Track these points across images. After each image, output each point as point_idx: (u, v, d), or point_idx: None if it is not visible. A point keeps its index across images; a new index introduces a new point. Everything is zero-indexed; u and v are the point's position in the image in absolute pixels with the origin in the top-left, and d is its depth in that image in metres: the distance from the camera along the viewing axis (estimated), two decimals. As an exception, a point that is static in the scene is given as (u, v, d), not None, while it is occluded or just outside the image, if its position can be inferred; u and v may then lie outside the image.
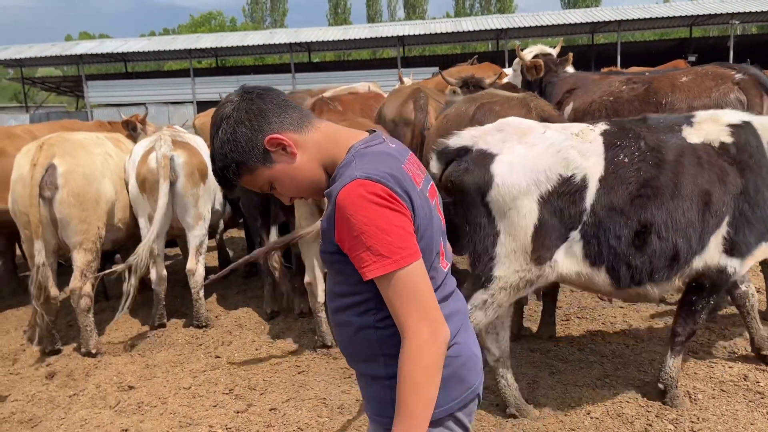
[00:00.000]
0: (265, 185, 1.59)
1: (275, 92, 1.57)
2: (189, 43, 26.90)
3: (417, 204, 1.46)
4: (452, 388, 1.55)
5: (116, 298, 5.92)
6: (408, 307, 1.40)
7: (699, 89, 4.42)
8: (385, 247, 1.37)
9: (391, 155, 1.52)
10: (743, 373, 3.69)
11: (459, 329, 1.61)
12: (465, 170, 3.10)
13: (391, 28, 28.13)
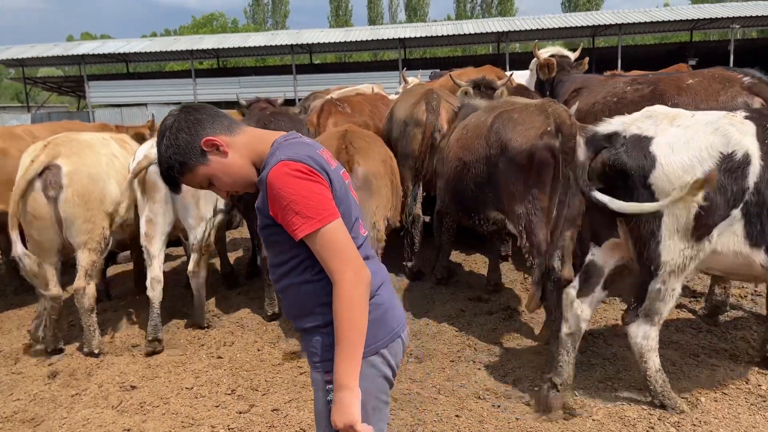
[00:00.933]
0: (204, 181, 1.91)
1: (209, 107, 1.93)
2: (191, 44, 26.93)
3: (333, 178, 1.80)
4: (378, 330, 1.86)
5: (119, 298, 5.95)
6: (334, 255, 1.71)
7: (706, 92, 4.42)
8: (310, 210, 1.69)
9: (308, 144, 1.87)
10: (745, 377, 3.70)
11: (381, 284, 1.93)
12: (624, 153, 3.17)
13: (392, 30, 28.16)
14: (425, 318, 5.00)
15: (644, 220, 3.15)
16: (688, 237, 3.10)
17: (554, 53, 6.66)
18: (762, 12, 24.15)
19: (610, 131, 3.29)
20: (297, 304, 1.90)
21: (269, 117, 5.04)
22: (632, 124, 3.25)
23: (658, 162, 3.07)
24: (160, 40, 31.30)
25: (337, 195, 1.80)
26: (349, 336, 1.70)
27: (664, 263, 3.16)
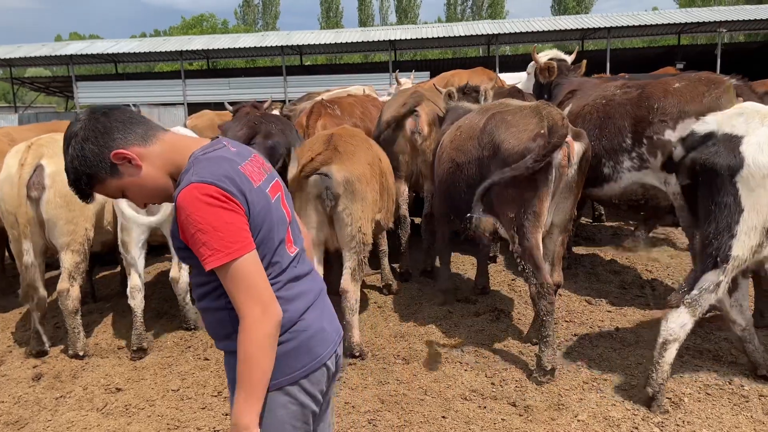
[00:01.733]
0: (116, 193, 1.79)
1: (121, 110, 1.77)
2: (180, 45, 26.80)
3: (252, 200, 1.68)
4: (298, 358, 1.78)
5: (104, 300, 5.91)
6: (241, 292, 1.62)
7: (691, 94, 4.47)
8: (218, 242, 1.59)
9: (228, 159, 1.73)
10: (728, 377, 3.74)
11: (308, 307, 1.84)
12: (714, 153, 3.29)
13: (382, 32, 28.19)
14: (412, 319, 5.01)
15: (724, 212, 3.24)
16: (764, 234, 3.23)
17: (553, 57, 6.70)
18: (749, 16, 24.42)
19: (707, 131, 3.41)
20: (214, 326, 1.84)
21: (259, 119, 5.02)
22: (725, 123, 3.36)
23: (745, 163, 3.18)
24: (150, 40, 31.14)
25: (255, 218, 1.69)
26: (250, 375, 1.63)
27: (733, 257, 3.25)
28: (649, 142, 4.56)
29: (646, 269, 5.92)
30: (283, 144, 4.87)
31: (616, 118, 4.81)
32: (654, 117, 4.54)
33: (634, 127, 4.67)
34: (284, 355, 1.73)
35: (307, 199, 4.21)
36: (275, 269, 1.77)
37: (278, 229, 1.79)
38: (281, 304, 1.71)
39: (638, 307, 4.98)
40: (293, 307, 1.79)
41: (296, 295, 1.80)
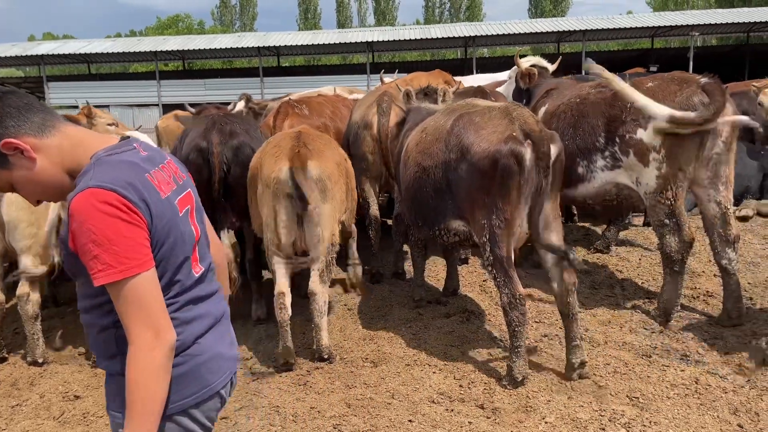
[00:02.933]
0: (5, 187, 1.62)
1: (17, 95, 1.59)
2: (155, 45, 26.51)
3: (156, 212, 1.55)
4: (187, 386, 1.65)
5: (66, 304, 5.75)
6: (133, 314, 1.48)
7: (663, 93, 4.47)
8: (112, 257, 1.45)
9: (134, 164, 1.58)
10: (695, 377, 3.73)
11: (208, 330, 1.72)
12: None
13: (360, 33, 28.18)
14: (382, 321, 4.95)
15: None
16: None
17: (535, 63, 6.69)
18: (721, 20, 24.89)
19: None
20: (98, 344, 1.69)
21: (222, 118, 4.92)
22: None
23: None
24: (124, 40, 30.74)
25: (159, 233, 1.56)
26: (142, 405, 1.49)
27: None
28: (622, 141, 4.55)
29: (617, 269, 5.94)
30: (248, 144, 4.77)
31: (590, 117, 4.80)
32: (627, 116, 4.53)
33: (608, 126, 4.67)
34: (175, 380, 1.59)
35: (276, 196, 4.11)
36: (176, 288, 1.64)
37: (183, 245, 1.66)
38: (176, 326, 1.59)
39: (608, 307, 4.98)
40: (189, 330, 1.66)
41: (194, 318, 1.68)
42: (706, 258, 5.83)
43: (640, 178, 4.51)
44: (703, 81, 4.45)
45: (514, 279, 3.73)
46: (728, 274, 4.48)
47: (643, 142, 4.41)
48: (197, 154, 4.66)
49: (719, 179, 4.43)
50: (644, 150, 4.42)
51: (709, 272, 5.54)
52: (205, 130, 4.73)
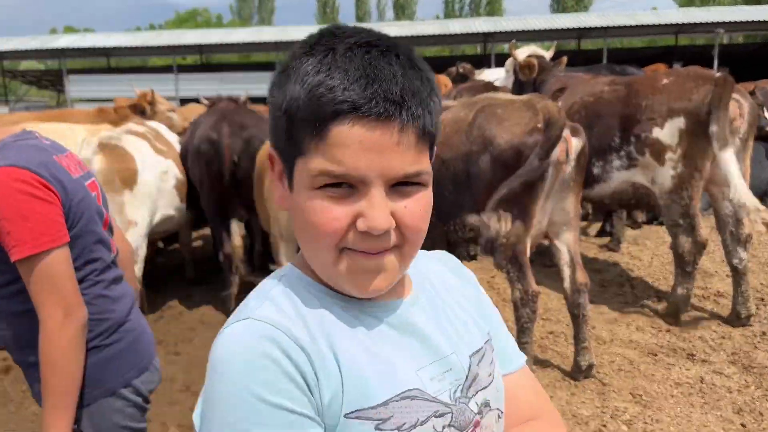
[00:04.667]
0: None
1: None
2: (173, 39, 26.69)
3: (70, 189, 1.57)
4: (129, 359, 1.72)
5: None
6: (44, 291, 1.49)
7: (680, 91, 4.41)
8: (26, 232, 1.46)
9: (42, 149, 1.61)
10: (700, 376, 3.70)
11: (131, 308, 1.77)
12: None
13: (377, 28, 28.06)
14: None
15: None
16: None
17: (531, 53, 6.62)
18: (747, 17, 24.42)
19: None
20: (15, 334, 1.65)
21: (233, 111, 4.96)
22: None
23: None
24: (142, 34, 31.02)
25: (74, 209, 1.58)
26: (57, 384, 1.51)
27: None
28: (638, 140, 4.51)
29: (628, 268, 5.89)
30: (259, 136, 4.81)
31: (605, 116, 4.74)
32: (642, 115, 4.48)
33: (623, 125, 4.62)
34: (115, 356, 1.66)
35: None
36: (98, 265, 1.66)
37: (98, 224, 1.69)
38: (108, 304, 1.63)
39: (616, 305, 4.94)
40: (120, 307, 1.71)
41: (120, 296, 1.73)
42: (719, 258, 5.75)
43: (655, 177, 4.46)
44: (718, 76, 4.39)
45: (528, 275, 3.67)
46: (739, 274, 4.42)
47: (660, 141, 4.37)
48: (208, 145, 4.71)
49: None
50: (660, 149, 4.37)
51: (721, 272, 5.48)
52: (215, 122, 4.78)
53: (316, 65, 0.81)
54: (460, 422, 0.90)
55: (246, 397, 0.78)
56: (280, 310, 0.87)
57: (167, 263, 6.89)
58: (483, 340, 0.99)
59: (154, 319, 5.15)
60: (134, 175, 4.52)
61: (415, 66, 0.85)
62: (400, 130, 0.80)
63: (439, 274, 1.05)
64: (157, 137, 5.21)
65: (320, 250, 0.86)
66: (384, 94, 0.79)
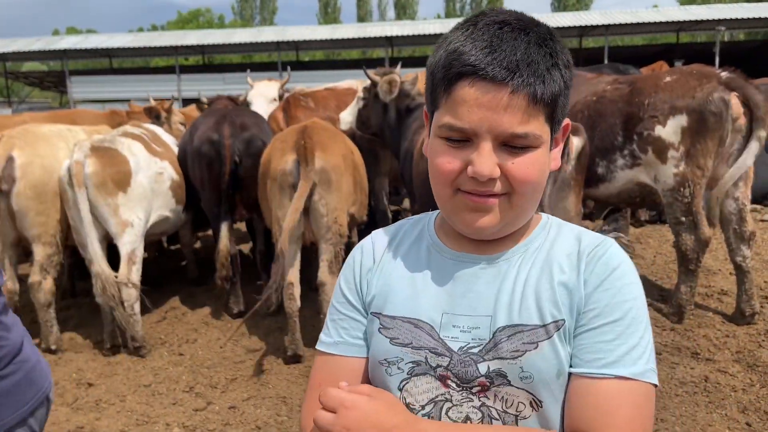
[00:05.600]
0: None
1: None
2: (175, 40, 26.70)
3: None
4: (24, 393, 1.56)
5: (84, 295, 5.85)
6: None
7: (683, 89, 4.39)
8: None
9: None
10: (704, 375, 3.69)
11: (23, 337, 1.63)
12: None
13: (379, 28, 28.09)
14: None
15: None
16: None
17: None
18: (748, 14, 24.33)
19: None
20: None
21: (233, 111, 4.96)
22: None
23: None
24: (144, 35, 31.03)
25: None
26: None
27: None
28: (640, 138, 4.49)
29: (631, 266, 5.87)
30: (259, 136, 4.80)
31: (608, 115, 4.73)
32: (644, 113, 4.46)
33: (626, 124, 4.60)
34: (12, 389, 1.51)
35: (282, 188, 4.14)
36: None
37: None
38: (2, 330, 1.52)
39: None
40: (13, 336, 1.57)
41: (13, 324, 1.60)
42: (722, 256, 5.74)
43: (658, 175, 4.45)
44: (725, 76, 4.37)
45: None
46: (742, 271, 4.40)
47: (662, 139, 4.35)
48: (209, 146, 4.71)
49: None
50: (663, 147, 4.36)
51: (725, 270, 5.46)
52: (216, 123, 4.78)
53: (459, 36, 0.98)
54: (460, 372, 1.02)
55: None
56: (388, 232, 1.22)
57: (169, 264, 6.90)
58: (537, 323, 1.00)
59: (156, 320, 5.16)
60: (127, 177, 4.51)
61: (543, 44, 0.96)
62: (511, 93, 0.93)
63: (559, 249, 1.07)
64: (154, 139, 5.21)
65: (439, 187, 1.03)
66: (501, 62, 0.93)
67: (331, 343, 1.15)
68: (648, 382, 0.96)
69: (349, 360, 1.14)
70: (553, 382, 0.99)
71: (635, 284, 1.02)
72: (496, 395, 1.00)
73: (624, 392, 0.95)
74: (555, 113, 0.99)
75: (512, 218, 1.03)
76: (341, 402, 0.93)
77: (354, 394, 0.94)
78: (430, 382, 1.04)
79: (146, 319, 5.16)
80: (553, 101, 0.97)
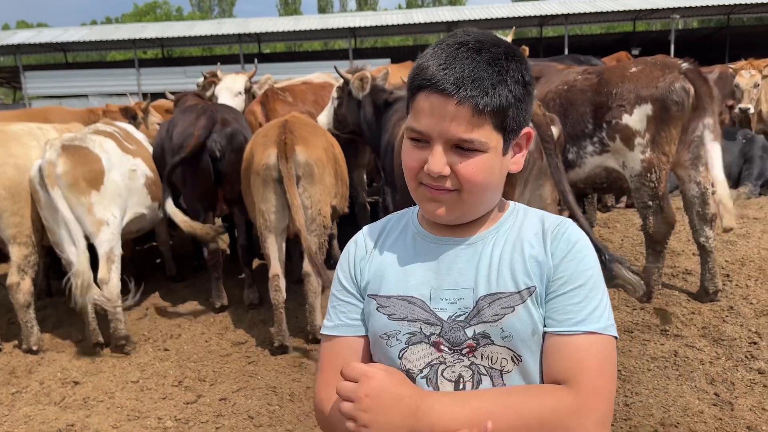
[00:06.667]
0: None
1: None
2: (133, 33, 26.11)
3: None
4: None
5: (60, 295, 5.78)
6: None
7: (647, 79, 4.58)
8: None
9: None
10: (674, 350, 3.90)
11: None
12: None
13: (342, 19, 27.98)
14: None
15: None
16: None
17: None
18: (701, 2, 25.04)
19: None
20: None
21: (212, 107, 4.97)
22: None
23: None
24: (101, 28, 30.26)
25: None
26: None
27: None
28: (609, 126, 4.68)
29: (600, 249, 6.10)
30: (241, 131, 4.84)
31: (578, 104, 4.90)
32: (613, 102, 4.65)
33: (595, 113, 4.78)
34: None
35: (266, 182, 4.19)
36: None
37: None
38: None
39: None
40: None
41: None
42: (685, 237, 6.01)
43: (626, 161, 4.65)
44: (685, 67, 4.58)
45: None
46: (706, 252, 4.65)
47: (629, 127, 4.54)
48: (191, 142, 4.71)
49: (700, 160, 4.58)
50: (630, 134, 4.55)
51: (688, 251, 5.73)
52: (196, 119, 4.79)
53: (427, 53, 1.17)
54: (450, 338, 1.19)
55: None
56: (377, 225, 1.38)
57: (144, 262, 6.86)
58: (513, 290, 1.18)
59: (137, 316, 5.16)
60: (100, 175, 4.47)
61: (493, 63, 1.12)
62: (457, 104, 1.10)
63: (527, 229, 1.25)
64: (126, 136, 5.18)
65: (407, 180, 1.23)
66: (449, 78, 1.10)
67: (333, 326, 1.32)
68: (610, 335, 1.16)
69: (349, 339, 1.31)
70: (529, 339, 1.16)
71: (592, 256, 1.21)
72: (482, 354, 1.18)
73: (592, 344, 1.13)
74: (504, 123, 1.15)
75: (465, 210, 1.21)
76: (363, 372, 1.09)
77: (374, 368, 1.10)
78: (426, 348, 1.20)
79: (127, 315, 5.16)
80: (500, 112, 1.13)
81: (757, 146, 8.01)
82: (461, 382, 1.18)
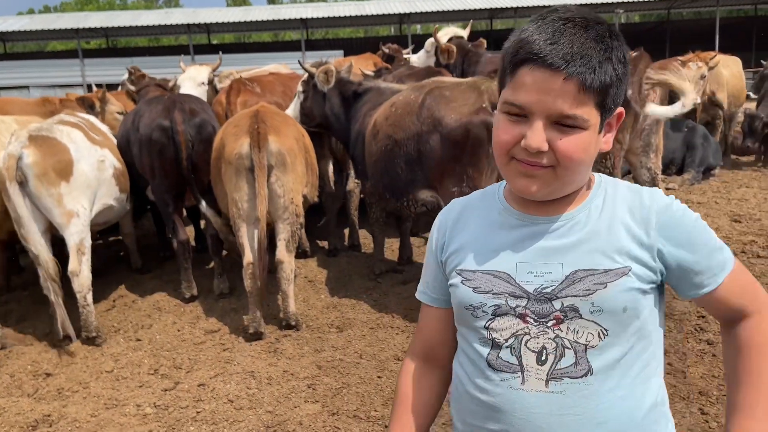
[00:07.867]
0: None
1: None
2: (76, 22, 25.24)
3: None
4: None
5: (21, 289, 5.67)
6: None
7: None
8: None
9: None
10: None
11: None
12: None
13: (293, 9, 27.79)
14: (343, 290, 5.18)
15: None
16: None
17: (452, 36, 6.95)
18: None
19: None
20: None
21: (179, 98, 4.97)
22: None
23: None
24: (41, 17, 29.09)
25: None
26: None
27: None
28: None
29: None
30: (209, 121, 4.85)
31: None
32: None
33: None
34: None
35: (239, 172, 4.24)
36: None
37: None
38: None
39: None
40: None
41: None
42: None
43: None
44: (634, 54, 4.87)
45: None
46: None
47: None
48: (160, 133, 4.71)
49: (650, 147, 4.89)
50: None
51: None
52: (165, 109, 4.78)
53: (529, 27, 1.16)
54: (537, 309, 1.21)
55: None
56: (461, 201, 1.42)
57: (107, 253, 6.77)
58: (607, 267, 1.18)
59: (105, 308, 5.12)
60: (69, 165, 4.43)
61: (600, 40, 1.14)
62: (564, 80, 1.10)
63: (622, 205, 1.24)
64: (91, 127, 5.12)
65: (497, 154, 1.23)
66: (558, 52, 1.10)
67: (420, 292, 1.48)
68: (733, 258, 1.25)
69: (432, 309, 1.45)
70: (619, 315, 1.17)
71: (688, 210, 1.25)
72: (568, 327, 1.19)
73: (737, 274, 1.24)
74: (605, 101, 1.15)
75: (558, 187, 1.20)
76: None
77: None
78: (511, 320, 1.22)
79: (95, 307, 5.11)
80: (603, 90, 1.13)
81: (698, 135, 8.48)
82: (544, 353, 1.19)
